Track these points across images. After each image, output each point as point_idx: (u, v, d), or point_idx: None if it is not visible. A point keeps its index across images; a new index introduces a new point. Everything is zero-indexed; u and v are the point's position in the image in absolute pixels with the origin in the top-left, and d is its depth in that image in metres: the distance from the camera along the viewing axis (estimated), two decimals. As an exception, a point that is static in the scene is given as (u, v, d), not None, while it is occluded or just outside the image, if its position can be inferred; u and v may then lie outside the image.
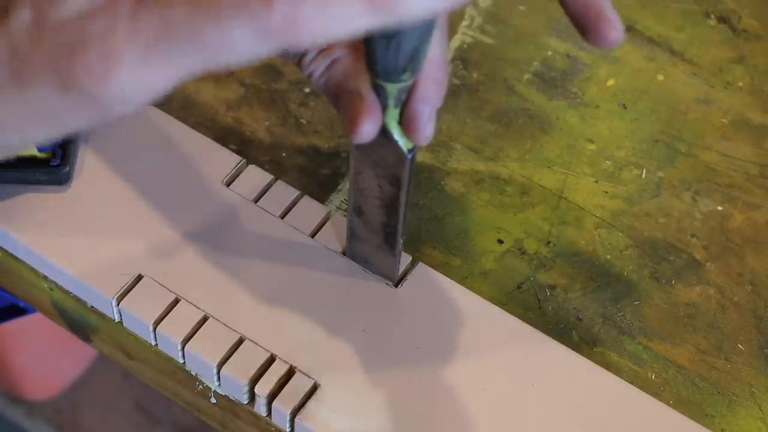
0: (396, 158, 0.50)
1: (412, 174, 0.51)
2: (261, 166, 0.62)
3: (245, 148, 0.65)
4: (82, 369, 1.30)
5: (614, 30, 0.48)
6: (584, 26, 0.48)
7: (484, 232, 0.62)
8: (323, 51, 0.48)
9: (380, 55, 0.44)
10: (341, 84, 0.48)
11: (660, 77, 0.69)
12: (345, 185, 0.63)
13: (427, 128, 0.48)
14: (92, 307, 0.58)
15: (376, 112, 0.47)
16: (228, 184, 0.61)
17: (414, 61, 0.45)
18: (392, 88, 0.46)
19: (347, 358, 0.55)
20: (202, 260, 0.58)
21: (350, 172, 0.53)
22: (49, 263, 0.58)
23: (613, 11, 0.48)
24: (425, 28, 0.44)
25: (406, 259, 0.58)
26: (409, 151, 0.50)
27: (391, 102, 0.47)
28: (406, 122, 0.48)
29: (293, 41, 0.38)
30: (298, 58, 0.49)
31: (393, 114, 0.48)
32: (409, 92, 0.47)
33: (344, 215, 0.61)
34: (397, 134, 0.49)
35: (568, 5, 0.49)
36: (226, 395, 0.56)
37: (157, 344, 0.57)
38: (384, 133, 0.49)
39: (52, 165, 0.59)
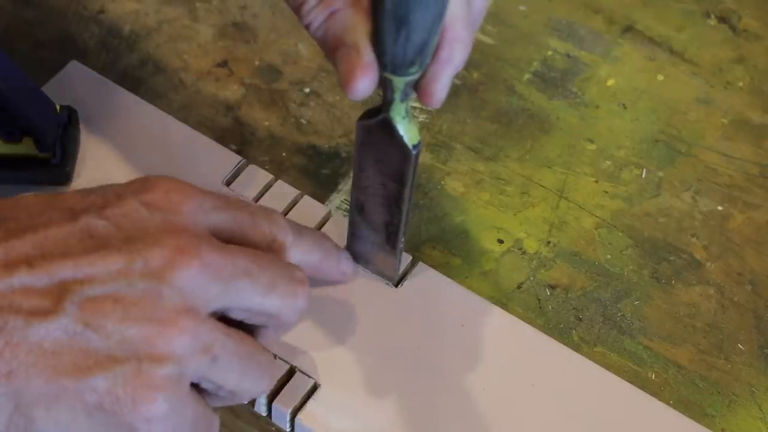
0: (400, 154, 0.50)
1: (416, 171, 0.51)
2: (261, 166, 0.62)
3: (245, 148, 0.65)
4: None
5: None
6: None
7: (484, 232, 0.62)
8: (323, 1, 0.47)
9: (389, 47, 0.44)
10: (339, 36, 0.46)
11: (660, 77, 0.69)
12: (345, 185, 0.63)
13: (443, 92, 0.46)
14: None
15: (373, 69, 0.45)
16: (228, 184, 0.61)
17: (422, 53, 0.44)
18: (399, 82, 0.46)
19: (347, 358, 0.55)
20: (202, 260, 0.58)
21: (353, 169, 0.53)
22: (49, 263, 0.58)
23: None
24: (434, 20, 0.43)
25: (406, 259, 0.58)
26: (414, 146, 0.49)
27: (397, 96, 0.47)
28: (423, 84, 0.46)
29: None
30: (297, 5, 0.48)
31: (399, 109, 0.47)
32: (433, 53, 0.45)
33: (344, 215, 0.61)
34: (402, 129, 0.48)
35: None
36: (226, 395, 0.56)
37: (157, 344, 0.57)
38: (389, 128, 0.48)
39: (52, 165, 0.59)
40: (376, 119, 0.49)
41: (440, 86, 0.46)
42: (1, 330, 0.40)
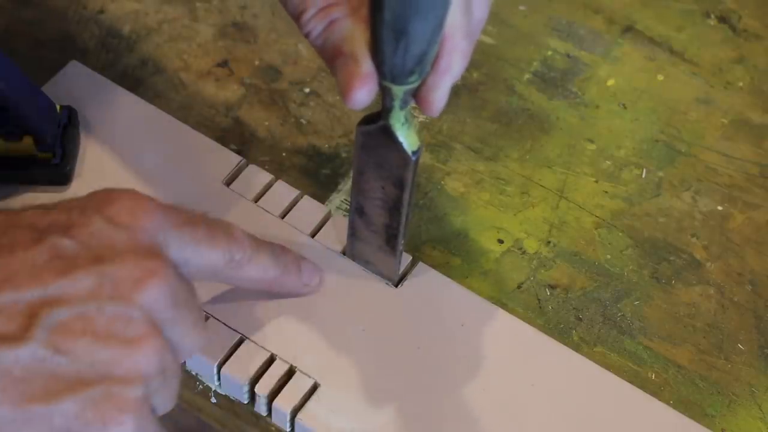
0: (400, 160, 0.50)
1: (415, 176, 0.51)
2: (261, 166, 0.62)
3: (245, 148, 0.65)
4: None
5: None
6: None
7: (484, 232, 0.62)
8: (323, 9, 0.47)
9: (388, 57, 0.44)
10: (338, 46, 0.46)
11: (660, 77, 0.69)
12: (345, 185, 0.63)
13: (441, 101, 0.46)
14: (92, 307, 0.58)
15: (371, 79, 0.45)
16: (228, 184, 0.61)
17: (421, 64, 0.44)
18: (398, 91, 0.46)
19: (347, 358, 0.55)
20: (202, 260, 0.58)
21: (353, 172, 0.53)
22: (49, 263, 0.58)
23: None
24: (433, 31, 0.43)
25: (406, 259, 0.58)
26: (414, 153, 0.49)
27: (396, 104, 0.47)
28: (422, 93, 0.46)
29: None
30: (297, 14, 0.47)
31: (398, 116, 0.48)
32: (432, 63, 0.45)
33: (344, 215, 0.61)
34: (402, 136, 0.48)
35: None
36: (226, 395, 0.56)
37: (157, 344, 0.57)
38: (388, 134, 0.48)
39: (52, 165, 0.59)
40: (375, 126, 0.49)
41: (439, 95, 0.46)
42: None
